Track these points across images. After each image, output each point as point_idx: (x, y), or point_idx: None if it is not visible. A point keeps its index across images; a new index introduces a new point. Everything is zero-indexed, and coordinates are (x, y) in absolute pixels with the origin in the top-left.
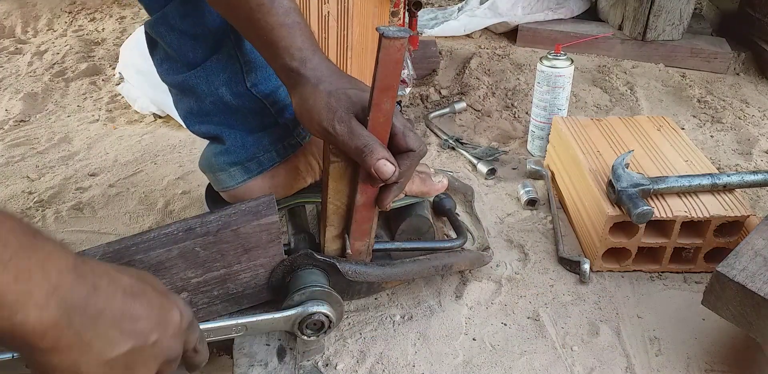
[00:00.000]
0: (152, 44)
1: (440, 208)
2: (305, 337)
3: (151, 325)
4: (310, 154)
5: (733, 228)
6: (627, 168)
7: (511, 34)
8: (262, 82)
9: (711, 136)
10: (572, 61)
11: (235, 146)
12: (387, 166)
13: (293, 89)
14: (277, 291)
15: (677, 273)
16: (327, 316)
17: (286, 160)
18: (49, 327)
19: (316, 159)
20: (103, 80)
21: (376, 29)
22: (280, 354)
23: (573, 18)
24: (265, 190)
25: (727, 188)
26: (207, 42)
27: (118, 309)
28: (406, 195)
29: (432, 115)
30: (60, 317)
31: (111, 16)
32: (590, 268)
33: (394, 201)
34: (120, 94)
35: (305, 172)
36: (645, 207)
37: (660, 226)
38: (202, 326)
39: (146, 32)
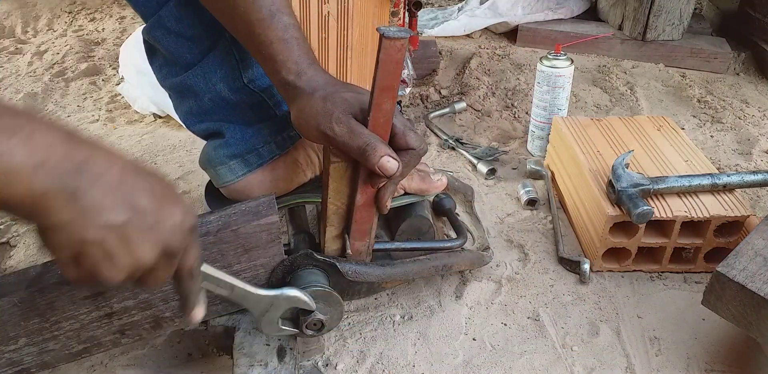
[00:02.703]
0: (151, 51)
1: (440, 208)
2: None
3: (151, 205)
4: (310, 147)
5: (733, 228)
6: (627, 168)
7: (511, 34)
8: (259, 77)
9: (711, 136)
10: (572, 61)
11: (234, 138)
12: (391, 163)
13: (291, 103)
14: None
15: (677, 273)
16: (304, 302)
17: (285, 153)
18: (39, 196)
19: (316, 152)
20: (103, 80)
21: (377, 29)
22: (280, 354)
23: (573, 18)
24: (265, 184)
25: (727, 188)
26: (203, 43)
27: (116, 178)
28: (405, 193)
29: (432, 115)
30: (51, 184)
31: (111, 16)
32: (590, 268)
33: (393, 198)
34: (120, 94)
35: (305, 165)
36: (645, 207)
37: (660, 226)
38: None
39: (144, 39)
